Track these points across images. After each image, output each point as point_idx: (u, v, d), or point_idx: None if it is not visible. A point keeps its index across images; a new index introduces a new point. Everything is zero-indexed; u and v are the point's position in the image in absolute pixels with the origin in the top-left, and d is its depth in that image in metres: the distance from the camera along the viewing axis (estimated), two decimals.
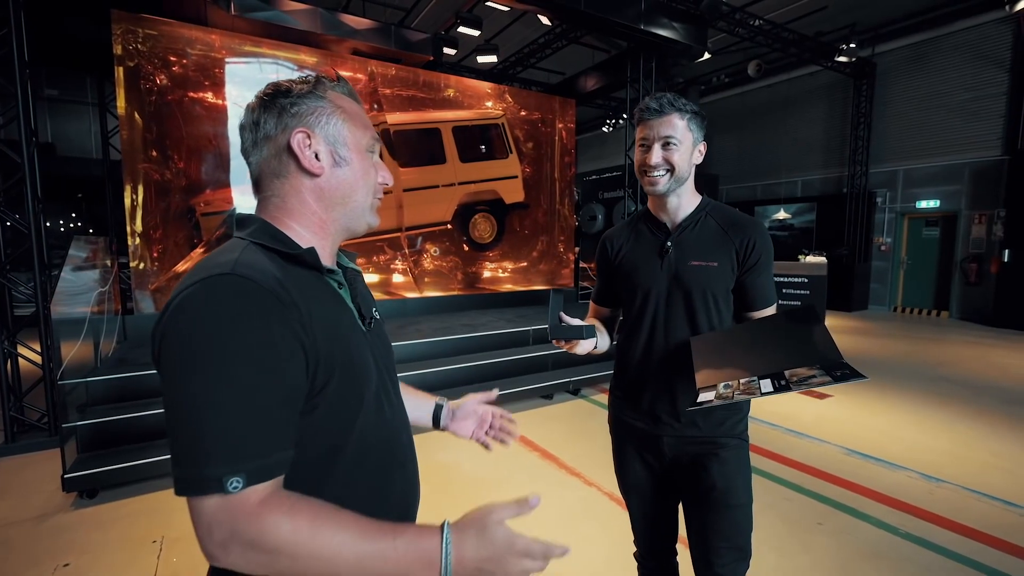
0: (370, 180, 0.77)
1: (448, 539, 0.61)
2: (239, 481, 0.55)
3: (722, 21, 7.87)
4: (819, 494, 2.89)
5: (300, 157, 0.71)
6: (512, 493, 3.12)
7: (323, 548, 0.56)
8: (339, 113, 0.74)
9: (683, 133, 1.26)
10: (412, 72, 6.37)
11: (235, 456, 0.56)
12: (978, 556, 2.32)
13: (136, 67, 4.75)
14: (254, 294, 0.60)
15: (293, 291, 0.64)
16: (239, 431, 0.57)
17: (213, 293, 0.59)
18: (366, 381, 0.72)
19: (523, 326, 5.29)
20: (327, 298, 0.71)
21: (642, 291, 1.35)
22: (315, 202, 0.74)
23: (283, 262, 0.68)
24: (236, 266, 0.62)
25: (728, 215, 1.34)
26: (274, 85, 0.74)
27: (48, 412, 3.73)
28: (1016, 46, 8.05)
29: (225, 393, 0.57)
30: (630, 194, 7.29)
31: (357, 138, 0.76)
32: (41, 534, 2.55)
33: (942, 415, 4.19)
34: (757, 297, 1.31)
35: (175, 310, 0.60)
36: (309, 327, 0.63)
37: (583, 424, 4.09)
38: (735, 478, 1.29)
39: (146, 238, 4.89)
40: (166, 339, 0.60)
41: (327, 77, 0.77)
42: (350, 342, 0.71)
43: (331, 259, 0.79)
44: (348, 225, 0.78)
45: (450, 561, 0.59)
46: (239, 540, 0.56)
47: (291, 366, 0.61)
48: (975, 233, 8.71)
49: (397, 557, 0.58)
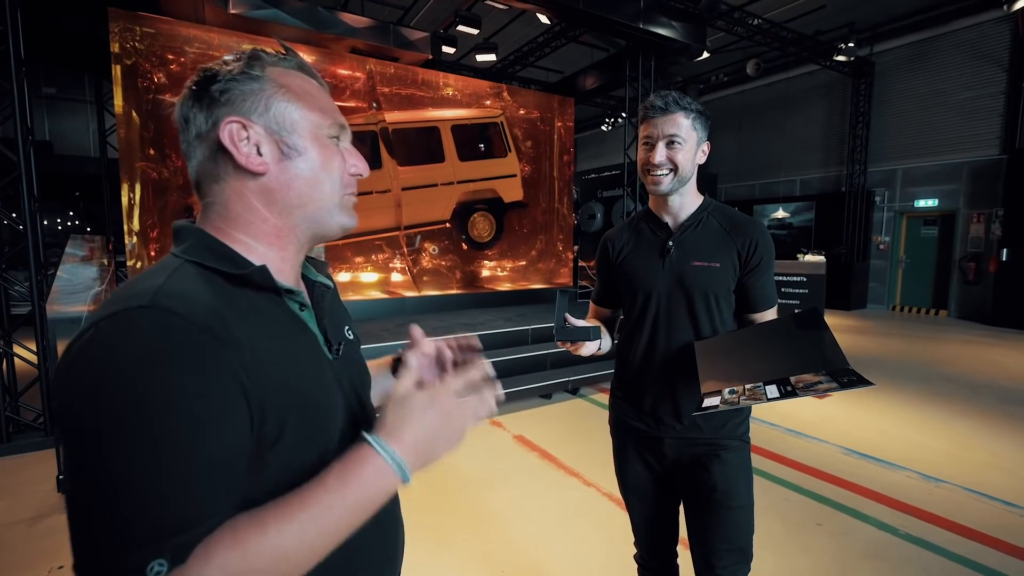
0: (334, 172, 0.63)
1: (377, 440, 0.54)
2: (162, 565, 0.44)
3: (721, 20, 7.86)
4: (818, 494, 2.89)
5: (235, 154, 0.58)
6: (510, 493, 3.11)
7: (280, 549, 0.48)
8: (283, 94, 0.60)
9: (687, 132, 1.25)
10: (411, 71, 6.36)
11: (157, 536, 0.44)
12: (978, 557, 2.31)
13: (133, 65, 4.73)
14: (180, 332, 0.48)
15: (234, 324, 0.52)
16: (160, 506, 0.45)
17: (128, 332, 0.47)
18: (331, 424, 0.61)
19: (522, 325, 5.28)
20: (282, 327, 0.59)
21: (643, 292, 1.34)
22: (264, 207, 0.60)
23: (225, 284, 0.55)
24: (158, 296, 0.49)
25: (730, 215, 1.33)
26: (203, 69, 0.60)
27: (44, 412, 3.71)
28: (1014, 45, 8.05)
29: (143, 461, 0.45)
30: (629, 193, 7.28)
31: (312, 122, 0.61)
32: (35, 535, 2.53)
33: (941, 414, 4.18)
34: (759, 298, 1.30)
35: (77, 355, 0.47)
36: (253, 369, 0.51)
37: (582, 423, 4.09)
38: (736, 480, 1.29)
39: (143, 237, 4.87)
40: (67, 393, 0.47)
41: (266, 51, 0.63)
42: (309, 379, 0.59)
43: (293, 274, 0.65)
44: (313, 231, 0.64)
45: (394, 453, 0.54)
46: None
47: (228, 419, 0.49)
48: (973, 232, 8.71)
49: (345, 496, 0.52)
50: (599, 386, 5.04)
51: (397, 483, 0.55)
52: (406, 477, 0.55)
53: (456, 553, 2.38)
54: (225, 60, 0.61)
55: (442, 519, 2.65)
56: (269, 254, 0.62)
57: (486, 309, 6.60)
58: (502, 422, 4.07)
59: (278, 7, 5.36)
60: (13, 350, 3.76)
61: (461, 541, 2.47)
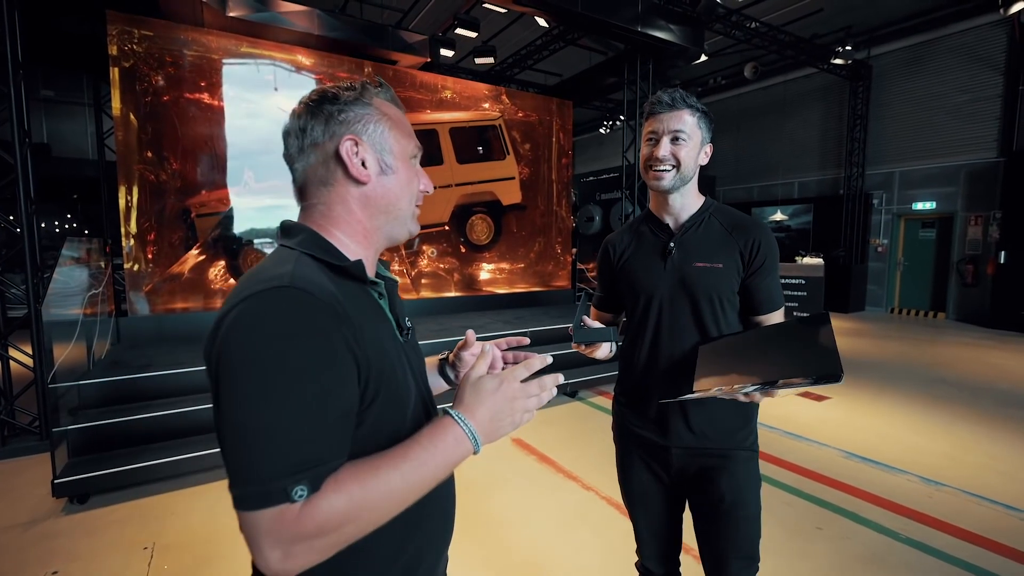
0: (413, 188, 0.77)
1: (458, 414, 0.67)
2: (303, 490, 0.56)
3: (719, 23, 7.88)
4: (818, 498, 2.88)
5: (348, 165, 0.71)
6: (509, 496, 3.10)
7: (380, 494, 0.60)
8: (384, 120, 0.74)
9: (692, 129, 1.24)
10: (409, 73, 6.36)
11: (300, 467, 0.56)
12: (978, 561, 2.30)
13: (132, 68, 4.72)
14: (313, 308, 0.60)
15: (347, 305, 0.64)
16: (303, 441, 0.57)
17: (273, 306, 0.59)
18: (407, 396, 0.72)
19: (520, 328, 5.26)
20: (371, 312, 0.71)
21: (645, 294, 1.32)
22: (360, 211, 0.74)
23: (332, 274, 0.68)
24: (294, 279, 0.61)
25: (732, 216, 1.32)
26: (320, 91, 0.73)
27: (40, 416, 3.69)
28: (1011, 49, 8.08)
29: (290, 405, 0.57)
30: (627, 195, 7.28)
31: (402, 146, 0.76)
32: (30, 540, 2.51)
33: (939, 417, 4.18)
34: (764, 300, 1.28)
35: (232, 325, 0.59)
36: (360, 343, 0.63)
37: (580, 427, 4.07)
38: (745, 490, 1.27)
39: (141, 239, 4.85)
40: (224, 355, 0.58)
41: (371, 83, 0.76)
42: (391, 357, 0.70)
43: (373, 269, 0.78)
44: (391, 234, 0.78)
45: (471, 426, 0.66)
46: (303, 538, 0.56)
47: (347, 381, 0.62)
48: (971, 235, 8.73)
49: (434, 455, 0.64)
50: (597, 389, 5.03)
51: (471, 451, 0.66)
52: (478, 446, 0.67)
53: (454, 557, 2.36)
54: (342, 86, 0.74)
55: None
56: (359, 250, 0.74)
57: (485, 312, 6.59)
58: None
59: (276, 10, 5.36)
60: (8, 353, 3.74)
61: (459, 545, 2.46)
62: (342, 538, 0.59)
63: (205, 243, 5.19)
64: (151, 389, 3.46)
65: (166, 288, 5.02)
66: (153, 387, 3.47)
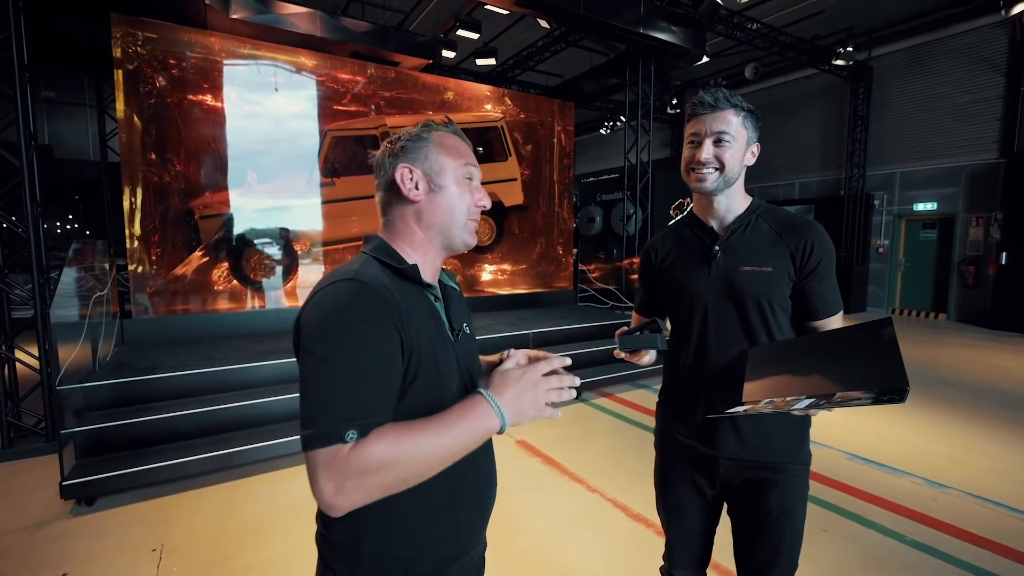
0: (465, 202, 0.90)
1: (488, 393, 0.79)
2: (354, 433, 0.70)
3: (720, 24, 7.89)
4: (823, 500, 2.89)
5: (401, 187, 0.87)
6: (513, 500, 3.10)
7: (413, 448, 0.72)
8: (438, 149, 0.89)
9: (737, 130, 1.20)
10: (411, 75, 6.37)
11: (353, 415, 0.71)
12: (982, 563, 2.31)
13: (135, 70, 4.73)
14: (371, 296, 0.76)
15: (398, 296, 0.79)
16: (356, 396, 0.72)
17: (341, 293, 0.76)
18: (448, 383, 0.84)
19: (523, 329, 5.27)
20: (424, 308, 0.85)
21: (688, 300, 1.28)
22: (416, 224, 0.89)
23: (392, 274, 0.83)
24: (358, 274, 0.78)
25: (782, 217, 1.26)
26: (393, 135, 0.91)
27: (46, 417, 3.70)
28: (1012, 50, 8.10)
29: (348, 367, 0.72)
30: (628, 196, 7.29)
31: (454, 167, 0.89)
32: (38, 542, 2.52)
33: (941, 418, 4.19)
34: (820, 305, 1.21)
35: (314, 304, 0.77)
36: (408, 325, 0.78)
37: (585, 428, 4.08)
38: (793, 505, 1.24)
39: (144, 241, 4.86)
40: (304, 328, 0.76)
41: (435, 122, 0.93)
42: (437, 346, 0.84)
43: (433, 275, 0.92)
44: (445, 243, 0.91)
45: (498, 403, 0.78)
46: (351, 474, 0.69)
47: (394, 355, 0.76)
48: (972, 235, 8.74)
49: (464, 423, 0.76)
50: (602, 391, 5.04)
51: (497, 425, 0.78)
52: (503, 421, 0.78)
53: None
54: (405, 129, 0.91)
55: None
56: (416, 257, 0.89)
57: (487, 313, 6.59)
58: None
59: (279, 12, 5.37)
60: (15, 355, 3.75)
61: None
62: (383, 481, 0.71)
63: (208, 245, 5.20)
64: (157, 391, 3.47)
65: (170, 290, 5.03)
66: (159, 389, 3.48)
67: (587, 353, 5.13)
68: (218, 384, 3.68)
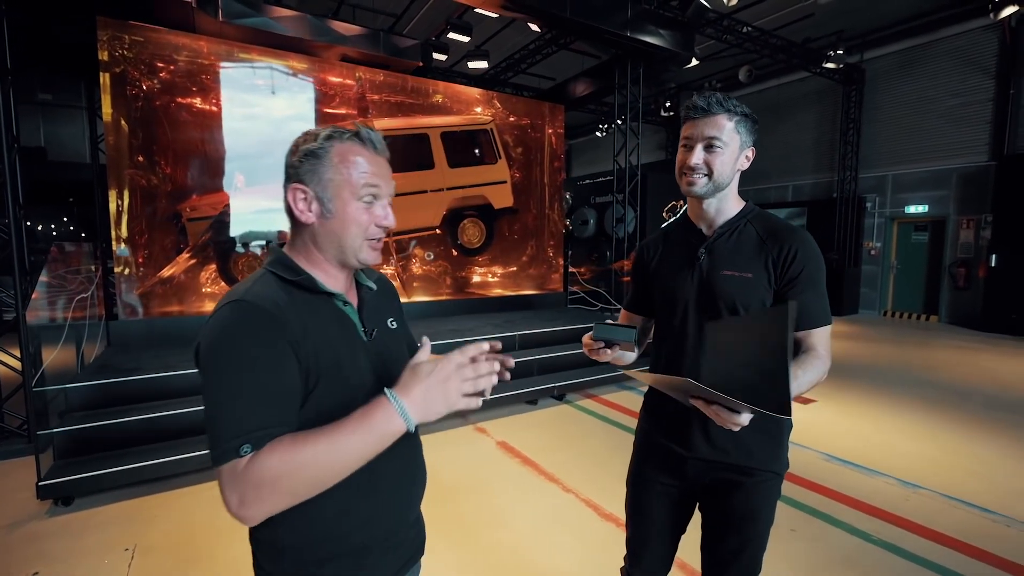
0: (361, 225, 0.87)
1: (391, 392, 0.77)
2: (248, 448, 0.72)
3: (710, 28, 7.93)
4: (795, 500, 2.90)
5: (294, 209, 0.86)
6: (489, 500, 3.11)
7: (309, 457, 0.72)
8: (337, 165, 0.85)
9: (729, 135, 1.19)
10: (400, 78, 6.40)
11: (245, 431, 0.72)
12: (949, 563, 2.32)
13: (122, 73, 4.75)
14: (254, 315, 0.78)
15: (289, 311, 0.80)
16: (248, 413, 0.74)
17: (226, 316, 0.78)
18: (359, 384, 0.85)
19: (510, 331, 5.29)
20: (325, 314, 0.86)
21: (671, 300, 1.29)
22: (312, 243, 0.89)
23: (290, 287, 0.84)
24: (245, 294, 0.80)
25: (770, 223, 1.25)
26: (294, 142, 0.88)
27: (28, 419, 3.72)
28: (1002, 53, 8.13)
29: (238, 387, 0.75)
30: (619, 200, 7.31)
31: (353, 187, 0.85)
32: (12, 543, 2.53)
33: (927, 420, 4.20)
34: (799, 317, 1.18)
35: (206, 329, 0.79)
36: (303, 337, 0.80)
37: (566, 430, 4.09)
38: (758, 508, 1.24)
39: (131, 243, 4.88)
40: (199, 351, 0.79)
41: (343, 129, 0.87)
42: (341, 351, 0.85)
43: (341, 283, 0.92)
44: (340, 261, 0.90)
45: (402, 403, 0.75)
46: (250, 486, 0.70)
47: (285, 368, 0.78)
48: (963, 238, 8.76)
49: (363, 427, 0.75)
50: (586, 392, 5.06)
51: (402, 426, 0.76)
52: (409, 421, 0.76)
53: (430, 560, 2.38)
54: (307, 135, 0.87)
55: None
56: (318, 271, 0.89)
57: (476, 315, 6.61)
58: (486, 428, 4.07)
59: (268, 15, 5.40)
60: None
61: (435, 548, 2.48)
62: (285, 489, 0.72)
63: (196, 246, 5.23)
64: (137, 392, 3.49)
65: (157, 291, 5.05)
66: (139, 390, 3.49)
67: (574, 355, 5.14)
68: (199, 386, 3.68)
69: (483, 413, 4.38)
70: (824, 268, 1.22)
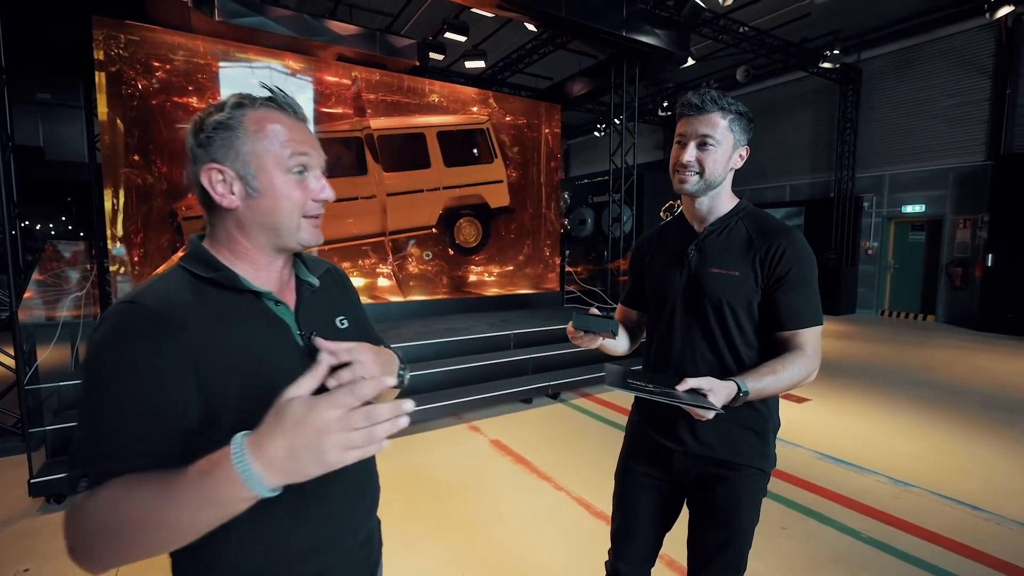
0: (294, 201, 0.74)
1: (239, 443, 0.54)
2: (85, 483, 0.60)
3: (706, 27, 7.93)
4: (787, 499, 2.90)
5: (212, 194, 0.72)
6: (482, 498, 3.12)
7: (134, 511, 0.56)
8: (253, 137, 0.71)
9: (723, 134, 1.19)
10: (396, 77, 6.41)
11: (86, 461, 0.61)
12: (939, 561, 2.33)
13: (118, 72, 4.76)
14: (142, 320, 0.64)
15: (195, 314, 0.67)
16: (91, 442, 0.62)
17: (109, 319, 0.66)
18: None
19: (505, 330, 5.29)
20: (251, 320, 0.73)
21: (661, 295, 1.31)
22: (237, 232, 0.75)
23: (204, 287, 0.71)
24: (140, 295, 0.67)
25: (761, 222, 1.25)
26: (198, 117, 0.73)
27: (22, 417, 3.71)
28: (998, 52, 8.13)
29: (100, 403, 0.62)
30: (616, 199, 7.32)
31: (277, 159, 0.72)
32: (3, 539, 2.54)
33: (922, 419, 4.20)
34: (785, 315, 1.18)
35: (90, 334, 0.67)
36: (209, 348, 0.67)
37: (559, 429, 4.10)
38: (740, 503, 1.25)
39: (127, 242, 4.89)
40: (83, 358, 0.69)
41: (248, 95, 0.74)
42: (266, 356, 0.71)
43: (273, 280, 0.78)
44: (277, 246, 0.76)
45: (248, 464, 0.53)
46: (82, 530, 0.58)
47: (169, 383, 0.64)
48: (960, 237, 8.76)
49: (200, 487, 0.54)
50: (581, 391, 5.06)
51: (248, 495, 0.53)
52: (259, 489, 0.53)
53: (420, 558, 2.39)
54: (211, 108, 0.73)
55: (408, 523, 2.66)
56: (244, 265, 0.76)
57: (471, 314, 6.61)
58: (480, 427, 4.08)
59: (264, 15, 5.40)
60: None
61: (426, 546, 2.48)
62: (113, 544, 0.57)
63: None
64: None
65: None
66: None
67: (570, 354, 5.15)
68: None
69: (477, 411, 4.38)
70: (815, 267, 1.21)
